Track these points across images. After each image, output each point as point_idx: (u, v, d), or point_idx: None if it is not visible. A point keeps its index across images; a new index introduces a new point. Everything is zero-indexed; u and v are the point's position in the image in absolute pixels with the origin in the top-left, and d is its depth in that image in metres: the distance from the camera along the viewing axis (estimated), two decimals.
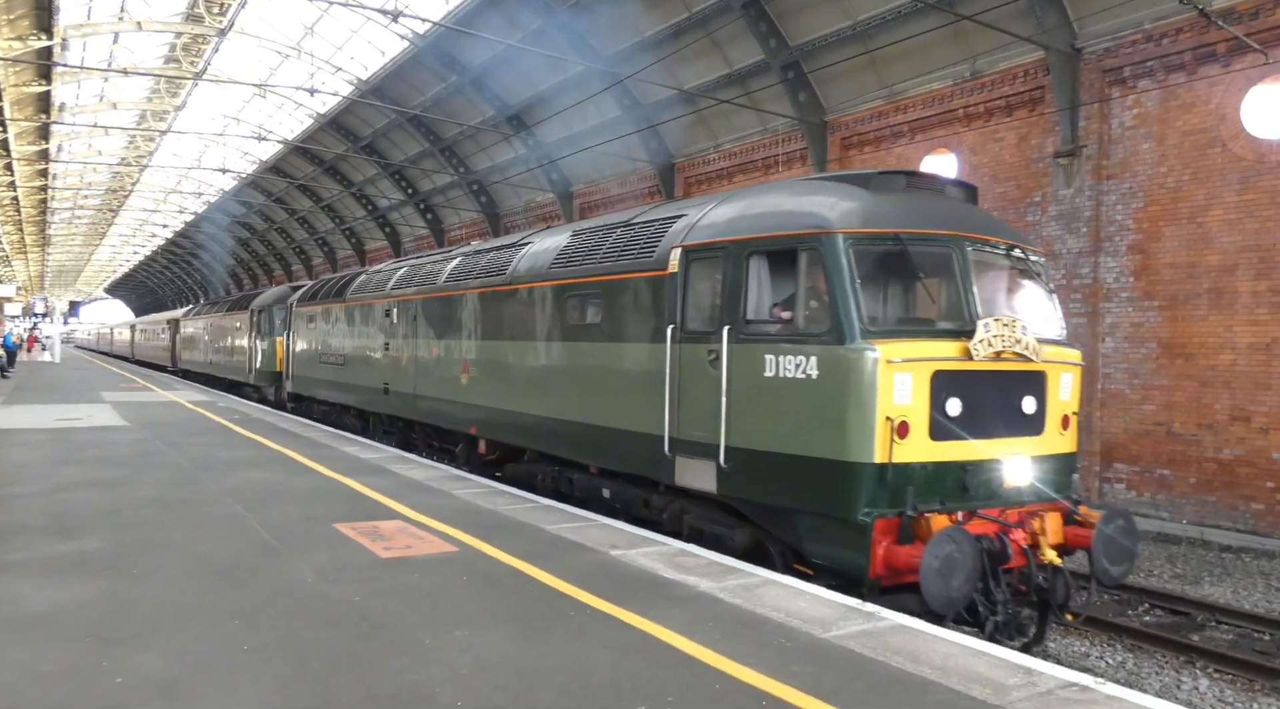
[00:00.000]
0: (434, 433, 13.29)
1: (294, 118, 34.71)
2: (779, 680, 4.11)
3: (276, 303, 22.97)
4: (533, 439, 9.95)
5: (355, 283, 16.29)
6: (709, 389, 6.91)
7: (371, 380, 14.79)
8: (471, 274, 11.53)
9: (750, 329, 6.69)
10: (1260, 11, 12.10)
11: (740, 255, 6.85)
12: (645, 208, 9.34)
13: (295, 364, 19.82)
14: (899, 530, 5.86)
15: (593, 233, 9.36)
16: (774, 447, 6.41)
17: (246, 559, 6.25)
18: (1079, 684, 4.10)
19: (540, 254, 10.00)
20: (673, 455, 7.34)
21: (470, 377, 11.24)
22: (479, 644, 4.58)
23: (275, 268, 57.32)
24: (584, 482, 9.32)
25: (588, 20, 20.62)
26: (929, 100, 16.65)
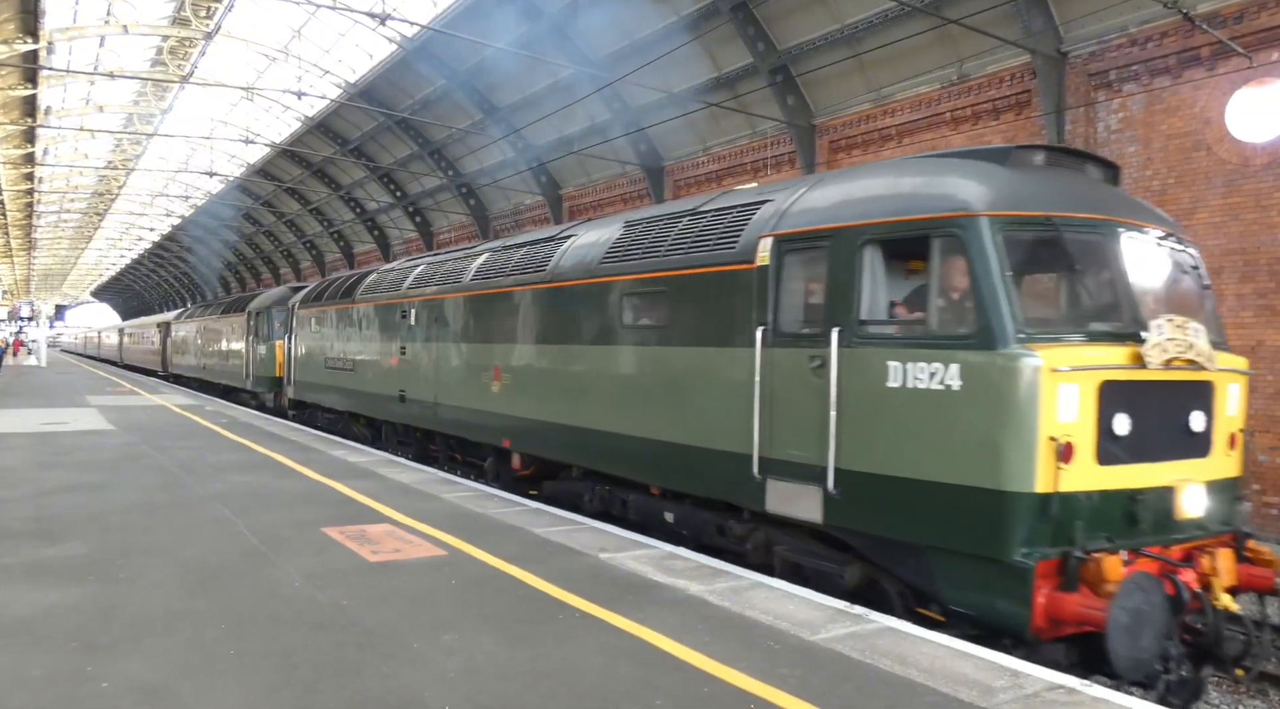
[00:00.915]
0: (457, 445, 12.27)
1: (281, 121, 34.59)
2: (767, 683, 4.11)
3: (276, 304, 21.97)
4: (579, 454, 8.93)
5: (365, 282, 15.16)
6: (811, 401, 6.00)
7: (385, 387, 13.69)
8: (503, 271, 10.48)
9: (867, 331, 5.76)
10: (1245, 15, 12.21)
11: (852, 244, 5.89)
12: (710, 195, 8.26)
13: (297, 369, 18.70)
14: (1063, 574, 4.93)
15: (651, 224, 8.33)
16: (900, 470, 5.47)
17: (233, 563, 6.22)
18: (1065, 686, 4.12)
19: (587, 248, 8.99)
20: (762, 478, 6.40)
21: (503, 384, 10.17)
22: (467, 648, 4.57)
23: (263, 271, 57.09)
24: (642, 504, 8.38)
25: (576, 23, 20.65)
26: (916, 104, 16.73)
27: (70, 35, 25.51)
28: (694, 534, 7.65)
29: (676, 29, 18.91)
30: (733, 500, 6.92)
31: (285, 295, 21.88)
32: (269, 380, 21.67)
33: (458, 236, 32.92)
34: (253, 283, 58.90)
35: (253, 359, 22.73)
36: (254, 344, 22.63)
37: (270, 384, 21.67)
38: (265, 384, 21.97)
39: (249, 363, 23.10)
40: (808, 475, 6.03)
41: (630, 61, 19.77)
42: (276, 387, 21.23)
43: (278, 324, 21.44)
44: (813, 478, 5.98)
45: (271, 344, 21.54)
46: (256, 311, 22.60)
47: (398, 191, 35.04)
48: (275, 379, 21.25)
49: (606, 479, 8.83)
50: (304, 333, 18.30)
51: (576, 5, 19.87)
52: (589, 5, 19.66)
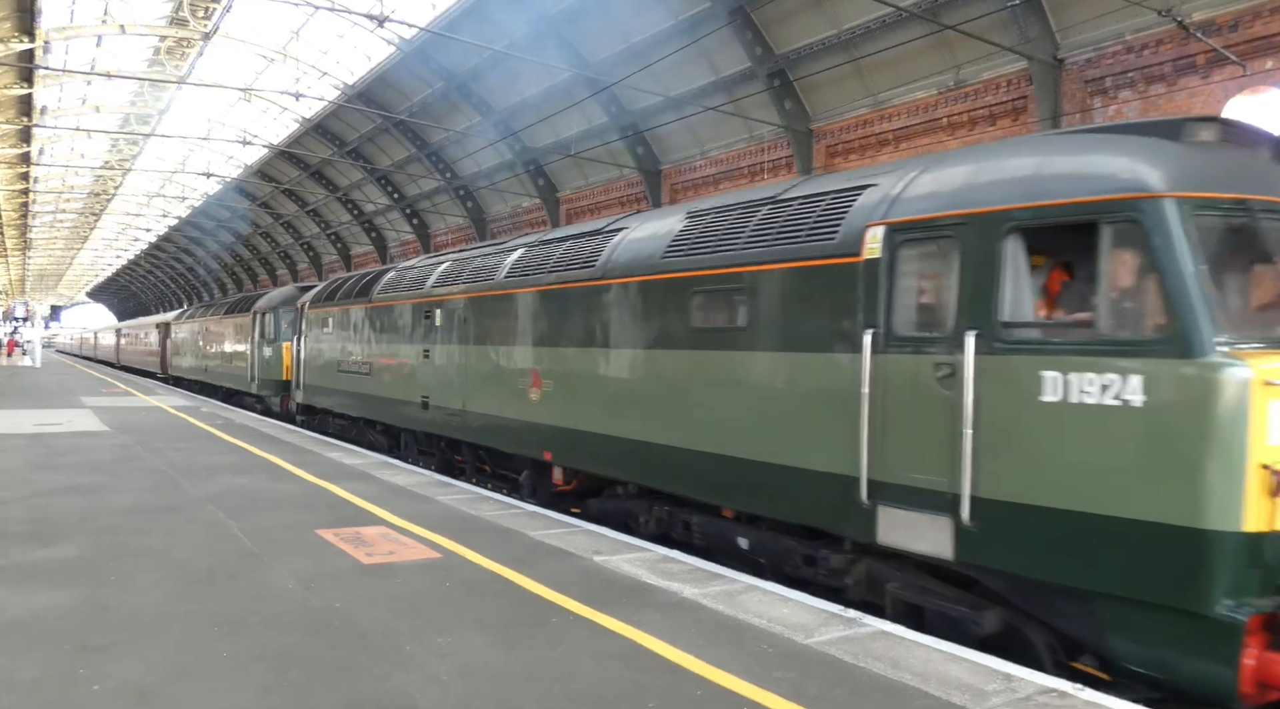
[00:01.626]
0: (488, 456, 11.27)
1: (279, 122, 34.60)
2: (761, 687, 4.11)
3: (283, 304, 20.99)
4: (635, 471, 8.04)
5: (383, 281, 14.14)
6: (937, 416, 5.17)
7: (406, 393, 12.70)
8: (543, 268, 9.53)
9: (1012, 335, 4.89)
10: (1239, 23, 12.27)
11: (992, 233, 5.02)
12: (791, 182, 7.45)
13: (307, 373, 17.59)
14: (1275, 630, 4.23)
15: (721, 214, 7.45)
16: (1059, 501, 4.62)
17: (227, 565, 6.21)
18: (1058, 690, 4.12)
19: (645, 242, 8.11)
20: (872, 504, 5.53)
21: (544, 391, 9.21)
22: (461, 651, 4.56)
23: (260, 272, 57.06)
24: (710, 527, 7.50)
25: (575, 27, 20.69)
26: (913, 109, 16.78)
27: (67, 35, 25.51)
28: (774, 563, 6.80)
29: (674, 33, 18.96)
30: (831, 528, 6.06)
31: (293, 295, 21.14)
32: (276, 384, 20.85)
33: (455, 239, 32.93)
34: (249, 284, 58.84)
35: (258, 361, 21.75)
36: (260, 345, 21.68)
37: (277, 388, 20.84)
38: (272, 387, 21.11)
39: (254, 365, 22.13)
40: (934, 503, 5.17)
41: (628, 65, 19.81)
42: (283, 390, 20.41)
43: (285, 325, 20.54)
44: (940, 506, 5.12)
45: (279, 346, 20.60)
46: (263, 312, 21.73)
47: (395, 193, 35.06)
48: (282, 382, 20.44)
49: (665, 498, 8.00)
50: (314, 334, 17.24)
51: (575, 9, 19.90)
52: (587, 9, 19.70)
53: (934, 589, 5.60)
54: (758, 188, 8.37)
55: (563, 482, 9.46)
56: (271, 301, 21.65)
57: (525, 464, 10.11)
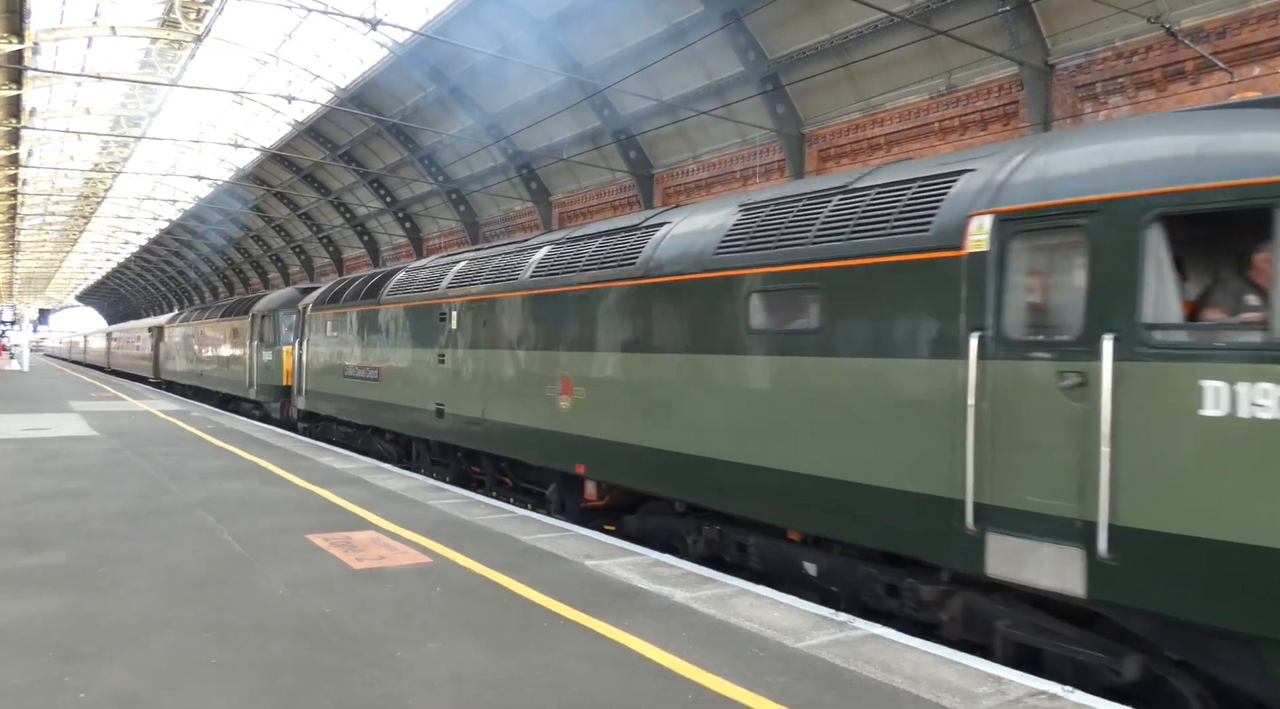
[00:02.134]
0: (509, 468, 10.64)
1: (271, 125, 34.53)
2: (752, 690, 4.11)
3: (284, 307, 20.27)
4: (683, 487, 7.37)
5: (393, 281, 13.46)
6: (1063, 431, 4.57)
7: (418, 399, 11.95)
8: (574, 266, 8.84)
9: (1160, 339, 4.28)
10: (1227, 30, 12.36)
11: (1131, 221, 4.41)
12: (859, 171, 6.75)
13: (309, 378, 16.79)
14: None
15: (782, 206, 6.76)
16: (1226, 532, 4.04)
17: (216, 571, 6.18)
18: (1048, 693, 4.13)
19: (693, 237, 7.43)
20: (980, 530, 4.91)
21: (576, 399, 8.55)
22: (452, 656, 4.55)
23: (252, 276, 56.89)
24: (770, 550, 6.85)
25: (567, 30, 20.71)
26: (905, 114, 16.84)
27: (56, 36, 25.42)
28: (849, 593, 6.15)
29: (667, 37, 19.00)
30: (924, 556, 5.44)
31: (294, 297, 20.49)
32: (275, 389, 20.09)
33: (447, 242, 32.90)
34: (240, 288, 58.66)
35: (257, 366, 21.02)
36: (259, 349, 20.91)
37: (277, 393, 20.08)
38: (271, 393, 20.35)
39: (253, 370, 21.38)
40: (1060, 531, 4.56)
41: (621, 69, 19.83)
42: (284, 396, 19.70)
43: (286, 328, 19.77)
44: (1069, 535, 4.51)
45: (279, 350, 19.82)
46: (262, 314, 20.95)
47: (387, 197, 35.02)
48: (282, 388, 19.71)
49: (716, 517, 7.34)
50: (318, 338, 16.39)
51: (568, 13, 19.93)
52: (580, 12, 19.72)
53: (1054, 629, 4.95)
54: (813, 179, 7.54)
55: (596, 497, 8.76)
56: (271, 304, 20.98)
57: (552, 477, 9.45)
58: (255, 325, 21.27)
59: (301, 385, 17.32)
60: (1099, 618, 4.82)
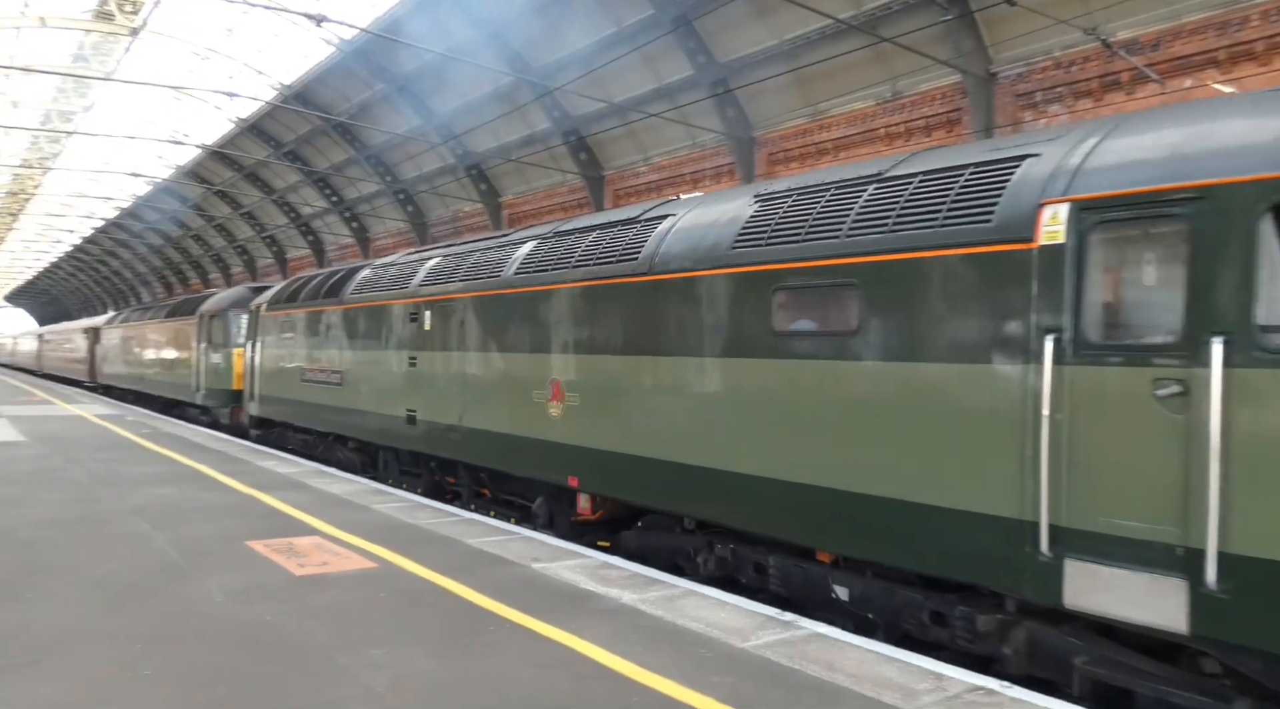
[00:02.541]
0: (490, 479, 10.02)
1: (212, 122, 33.72)
2: (698, 691, 4.12)
3: (234, 306, 19.09)
4: (693, 502, 6.75)
5: (357, 279, 12.62)
6: (1160, 445, 4.10)
7: (387, 405, 11.20)
8: (565, 262, 8.23)
9: (1278, 342, 3.84)
10: (1160, 43, 12.77)
11: (1242, 209, 3.95)
12: (896, 158, 6.20)
13: (263, 382, 15.71)
14: None
15: (808, 196, 6.22)
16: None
17: (151, 580, 6.00)
18: (985, 688, 4.21)
19: (704, 230, 6.85)
20: (1056, 556, 4.42)
21: (567, 406, 7.94)
22: (396, 662, 4.48)
23: (191, 275, 55.51)
24: (794, 572, 6.31)
25: (518, 31, 20.60)
26: (852, 119, 17.08)
27: None
28: (888, 620, 5.64)
29: (617, 39, 19.00)
30: (988, 584, 4.90)
31: (245, 296, 19.37)
32: (225, 394, 18.87)
33: (396, 243, 32.45)
34: (180, 288, 57.19)
35: (205, 369, 19.87)
36: (207, 352, 19.79)
37: (226, 398, 18.83)
38: (220, 398, 19.14)
39: (200, 373, 20.23)
40: (1156, 559, 4.08)
41: (571, 70, 19.77)
42: (234, 401, 18.48)
43: (236, 329, 18.64)
44: (1167, 564, 4.04)
45: (229, 352, 18.66)
46: (211, 315, 19.77)
47: (333, 196, 34.44)
48: (232, 393, 18.47)
49: (729, 534, 6.81)
50: (272, 339, 15.34)
51: (518, 13, 19.82)
52: (530, 13, 19.63)
53: (1143, 668, 4.44)
54: (832, 169, 7.04)
55: (589, 511, 8.17)
56: (220, 303, 19.81)
57: (539, 489, 8.87)
58: (203, 326, 20.21)
59: (254, 390, 16.26)
60: (1181, 651, 4.37)
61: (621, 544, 8.02)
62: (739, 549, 6.74)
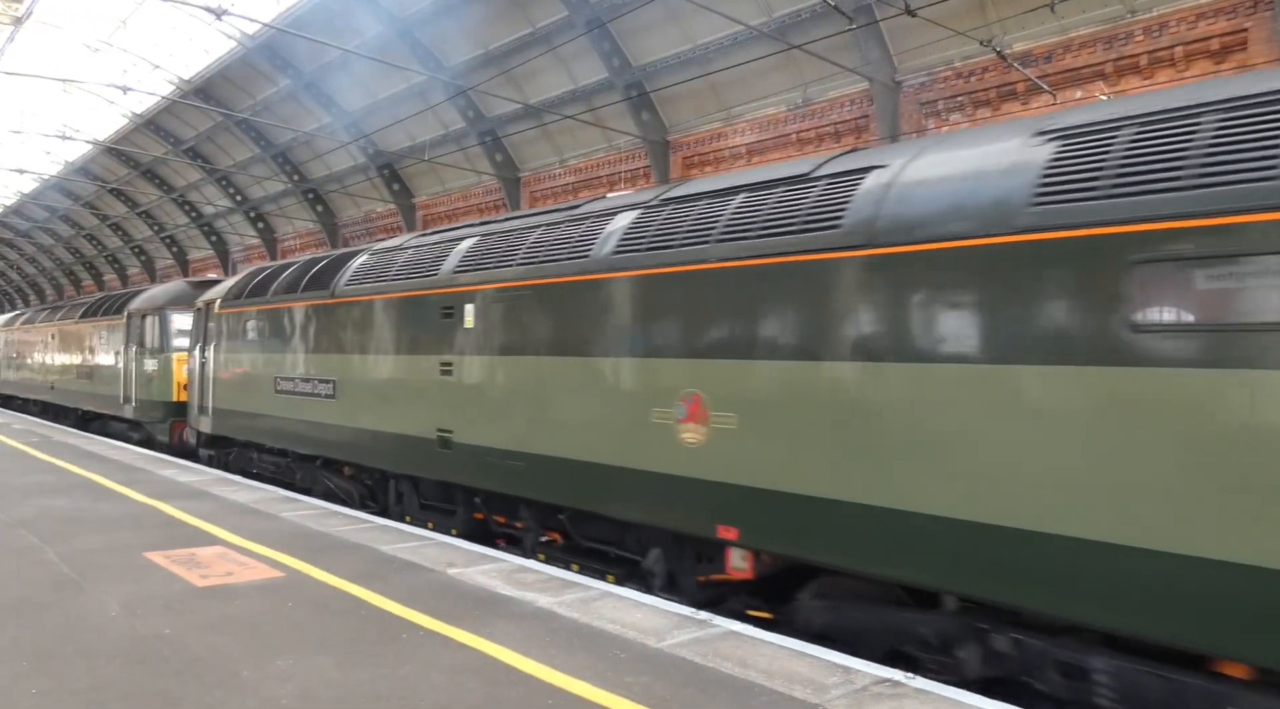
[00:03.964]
0: (570, 521, 7.40)
1: (105, 116, 32.16)
2: (612, 692, 4.14)
3: (172, 304, 16.63)
4: (974, 575, 4.52)
5: (353, 268, 10.28)
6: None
7: (406, 424, 8.85)
8: (702, 235, 6.12)
9: None
10: (1053, 55, 13.41)
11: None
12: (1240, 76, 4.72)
13: (219, 393, 13.05)
14: None
15: (1153, 127, 4.24)
16: None
17: (39, 594, 5.70)
18: (891, 680, 4.35)
19: (966, 185, 4.85)
20: None
21: (715, 429, 5.77)
22: (302, 673, 4.36)
23: (84, 277, 52.85)
24: (1150, 685, 4.14)
25: (430, 29, 20.30)
26: (764, 124, 17.40)
27: None
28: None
29: (532, 40, 18.93)
30: None
31: (185, 292, 16.93)
32: (162, 407, 16.22)
33: (304, 244, 31.56)
34: (71, 290, 54.37)
35: (136, 378, 17.05)
36: (138, 357, 17.04)
37: (164, 411, 16.20)
38: (156, 412, 16.39)
39: (130, 383, 17.35)
40: None
41: (485, 70, 19.62)
42: (173, 415, 16.05)
43: (176, 330, 16.25)
44: None
45: (167, 358, 16.16)
46: (143, 314, 17.17)
47: (238, 196, 33.29)
48: (171, 405, 16.03)
49: (1010, 618, 4.70)
50: (230, 342, 12.80)
51: (430, 11, 19.54)
52: (442, 11, 19.38)
53: None
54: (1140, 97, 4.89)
55: (749, 570, 5.97)
56: (154, 301, 17.21)
57: (655, 538, 6.64)
58: (132, 327, 17.49)
59: (205, 402, 13.52)
60: None
61: (797, 616, 5.83)
62: (1031, 640, 4.60)
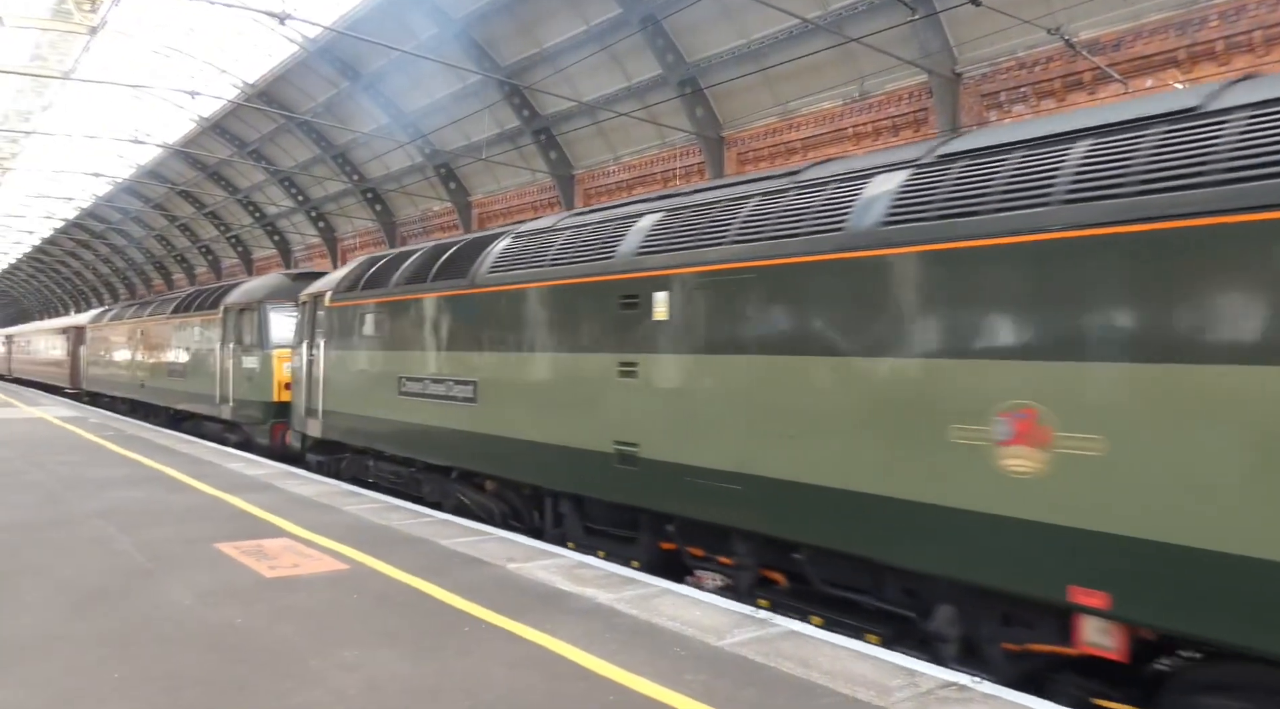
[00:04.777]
0: (812, 561, 5.89)
1: (174, 121, 33.16)
2: (673, 689, 4.13)
3: (271, 298, 15.54)
4: None
5: (495, 252, 8.97)
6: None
7: (572, 433, 7.49)
8: (1023, 193, 4.66)
9: None
10: (1122, 43, 13.00)
11: None
12: None
13: (334, 395, 11.84)
14: None
15: None
16: None
17: (118, 583, 5.90)
18: (957, 684, 4.26)
19: None
20: None
21: (1061, 454, 4.32)
22: (368, 664, 4.45)
23: (155, 277, 54.63)
24: None
25: (486, 28, 20.51)
26: (820, 119, 17.20)
27: None
28: None
29: (586, 38, 18.99)
30: None
31: (283, 285, 16.05)
32: (262, 408, 15.10)
33: (363, 242, 32.16)
34: (142, 289, 56.23)
35: (235, 376, 16.07)
36: (235, 354, 16.07)
37: (265, 412, 15.05)
38: (256, 413, 15.29)
39: (226, 382, 16.37)
40: None
41: (539, 68, 19.74)
42: (273, 416, 14.91)
43: (278, 325, 15.22)
44: None
45: (268, 355, 15.04)
46: (241, 308, 16.13)
47: (299, 196, 34.06)
48: (272, 406, 14.88)
49: None
50: (348, 339, 11.51)
51: (486, 11, 19.74)
52: (498, 11, 19.56)
53: None
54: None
55: (1115, 647, 4.33)
56: (253, 294, 16.08)
57: (944, 593, 5.12)
58: (229, 323, 16.44)
59: (315, 404, 12.38)
60: None
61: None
62: None
